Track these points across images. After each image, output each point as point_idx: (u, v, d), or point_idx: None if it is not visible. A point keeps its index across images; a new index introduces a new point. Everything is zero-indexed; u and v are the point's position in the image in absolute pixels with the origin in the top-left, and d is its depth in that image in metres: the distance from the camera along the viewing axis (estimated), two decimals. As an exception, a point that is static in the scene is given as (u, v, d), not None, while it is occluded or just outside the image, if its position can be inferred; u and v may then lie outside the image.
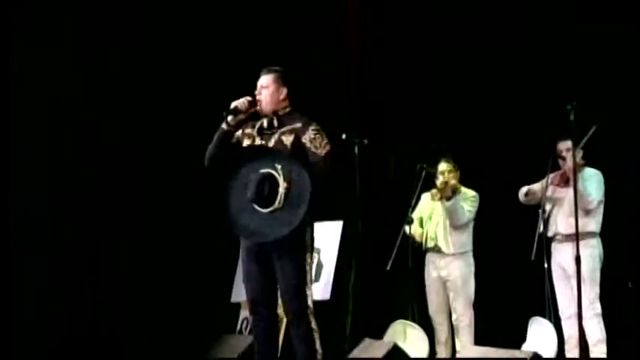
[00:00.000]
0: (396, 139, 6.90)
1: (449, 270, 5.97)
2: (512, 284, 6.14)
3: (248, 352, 5.67)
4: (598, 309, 5.38)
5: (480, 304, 5.98)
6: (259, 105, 4.44)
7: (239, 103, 4.42)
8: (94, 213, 6.30)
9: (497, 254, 6.17)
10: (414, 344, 5.82)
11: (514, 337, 5.58)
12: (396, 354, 5.46)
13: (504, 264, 6.10)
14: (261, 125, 4.46)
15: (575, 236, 5.02)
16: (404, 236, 6.02)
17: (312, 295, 4.33)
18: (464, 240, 5.98)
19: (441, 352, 5.96)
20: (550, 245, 5.58)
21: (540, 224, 5.51)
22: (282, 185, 4.21)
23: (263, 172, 4.25)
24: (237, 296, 6.49)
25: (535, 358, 5.05)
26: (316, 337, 4.30)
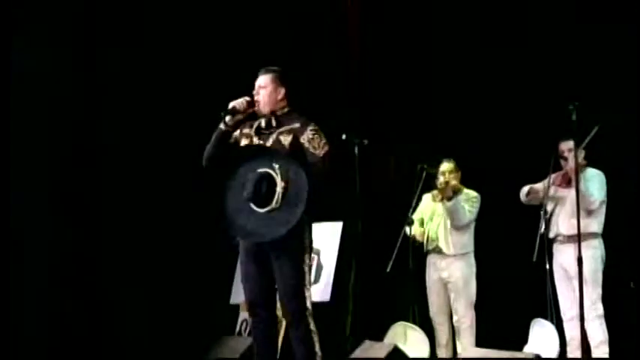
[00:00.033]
0: (396, 139, 6.88)
1: (450, 271, 5.94)
2: (513, 285, 6.12)
3: (247, 354, 5.66)
4: (600, 310, 5.35)
5: (482, 305, 5.96)
6: (257, 105, 4.43)
7: (237, 103, 4.40)
8: (93, 213, 6.30)
9: (498, 255, 6.14)
10: (414, 346, 5.81)
11: (516, 339, 5.56)
12: (397, 356, 5.44)
13: (506, 265, 6.08)
14: (259, 125, 4.45)
15: (577, 237, 5.01)
16: (404, 237, 6.00)
17: (310, 297, 4.31)
18: (465, 241, 5.96)
19: (442, 354, 5.94)
20: (552, 246, 5.55)
21: (542, 225, 5.48)
22: (280, 185, 4.19)
23: (260, 171, 4.23)
24: (236, 297, 6.49)
25: (537, 360, 5.05)
26: (315, 338, 4.28)
